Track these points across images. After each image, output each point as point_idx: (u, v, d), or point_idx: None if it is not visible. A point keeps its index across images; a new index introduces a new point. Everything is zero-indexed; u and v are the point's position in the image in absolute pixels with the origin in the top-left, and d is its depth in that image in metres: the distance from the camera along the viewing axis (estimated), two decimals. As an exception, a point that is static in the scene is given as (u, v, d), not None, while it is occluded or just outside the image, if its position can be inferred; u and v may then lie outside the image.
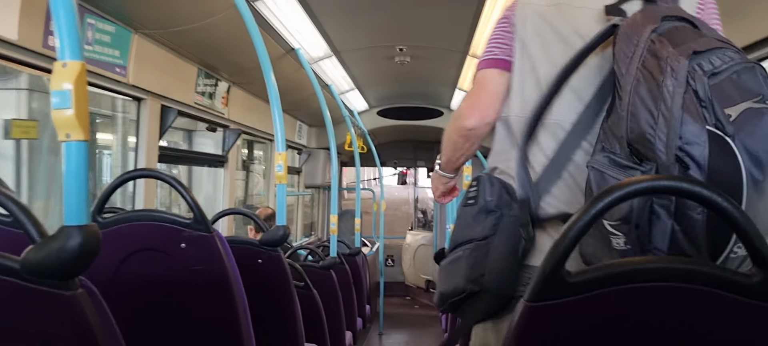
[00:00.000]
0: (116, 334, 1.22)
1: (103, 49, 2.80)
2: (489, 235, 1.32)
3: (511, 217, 1.33)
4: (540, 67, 1.40)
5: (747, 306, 0.85)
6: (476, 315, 1.41)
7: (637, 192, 0.87)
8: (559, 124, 1.35)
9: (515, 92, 1.45)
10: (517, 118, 1.43)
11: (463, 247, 1.35)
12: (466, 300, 1.33)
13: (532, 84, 1.41)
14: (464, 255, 1.33)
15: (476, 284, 1.29)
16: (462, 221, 1.39)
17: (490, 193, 1.36)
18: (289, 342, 2.72)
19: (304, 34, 4.15)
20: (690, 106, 1.04)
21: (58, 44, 1.07)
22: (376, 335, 7.27)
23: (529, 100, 1.40)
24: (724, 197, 0.85)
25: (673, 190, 0.88)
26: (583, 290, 0.88)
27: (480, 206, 1.36)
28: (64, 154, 1.08)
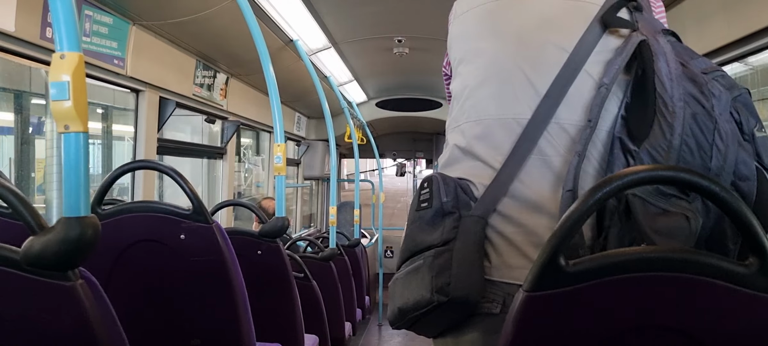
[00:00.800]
0: (116, 324, 1.22)
1: (101, 41, 2.79)
2: (449, 239, 1.19)
3: (471, 217, 1.21)
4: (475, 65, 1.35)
5: (745, 296, 0.85)
6: (435, 330, 1.28)
7: (638, 181, 0.88)
8: (516, 120, 1.25)
9: (461, 102, 1.36)
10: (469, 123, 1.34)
11: (422, 255, 1.22)
12: (428, 314, 1.19)
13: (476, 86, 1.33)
14: (425, 263, 1.20)
15: (443, 294, 1.15)
16: (416, 227, 1.25)
17: (445, 193, 1.24)
18: (288, 333, 2.73)
19: (303, 25, 4.14)
20: (741, 141, 1.05)
21: (55, 36, 1.07)
22: (376, 326, 7.28)
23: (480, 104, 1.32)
24: (722, 188, 0.85)
25: (674, 180, 0.89)
26: (582, 279, 0.88)
27: (435, 208, 1.23)
28: (62, 146, 1.08)
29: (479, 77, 1.32)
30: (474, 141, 1.29)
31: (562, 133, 1.22)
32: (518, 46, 1.29)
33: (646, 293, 0.88)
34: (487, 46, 1.33)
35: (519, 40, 1.29)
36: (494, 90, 1.29)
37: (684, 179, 0.88)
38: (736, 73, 2.94)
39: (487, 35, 1.33)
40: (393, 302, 1.27)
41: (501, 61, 1.30)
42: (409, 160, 10.70)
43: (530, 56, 1.27)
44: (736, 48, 2.35)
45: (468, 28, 1.39)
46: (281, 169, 2.96)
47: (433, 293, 1.17)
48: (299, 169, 7.75)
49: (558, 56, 1.24)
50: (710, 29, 2.47)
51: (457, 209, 1.22)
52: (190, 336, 2.03)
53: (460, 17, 1.42)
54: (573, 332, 0.90)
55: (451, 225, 1.21)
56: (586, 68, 1.23)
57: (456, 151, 1.33)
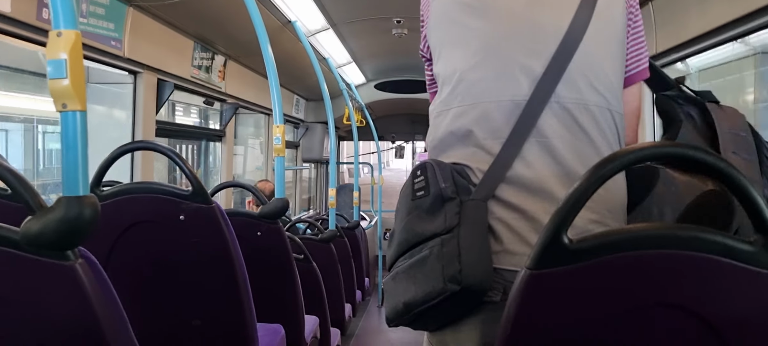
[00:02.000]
0: (116, 304, 1.22)
1: (98, 22, 2.77)
2: (453, 225, 1.15)
3: (473, 202, 1.17)
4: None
5: (750, 273, 0.85)
6: (438, 323, 1.23)
7: (644, 157, 0.87)
8: (513, 101, 1.22)
9: (452, 85, 1.32)
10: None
11: (426, 245, 1.17)
12: (436, 306, 1.14)
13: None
14: (433, 253, 1.15)
15: (455, 283, 1.10)
16: (414, 217, 1.20)
17: (442, 179, 1.19)
18: (289, 314, 2.74)
19: (302, 6, 4.11)
20: None
21: (51, 13, 1.06)
22: (375, 307, 7.31)
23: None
24: (727, 164, 0.85)
25: (678, 156, 0.88)
26: (585, 257, 0.87)
27: (434, 194, 1.18)
28: (61, 125, 1.07)
29: (471, 59, 1.27)
30: (470, 124, 1.25)
31: (563, 112, 1.20)
32: (510, 25, 1.25)
33: (650, 271, 0.88)
34: (476, 26, 1.27)
35: (510, 18, 1.25)
36: (489, 72, 1.25)
37: (689, 156, 0.87)
38: (737, 53, 2.93)
39: (475, 16, 1.28)
40: (394, 297, 1.21)
41: (494, 41, 1.25)
42: (408, 142, 10.69)
43: (524, 35, 1.23)
44: (738, 26, 2.34)
45: (450, 9, 1.33)
46: (280, 150, 2.95)
47: (445, 282, 1.12)
48: (298, 151, 7.74)
49: (554, 33, 1.22)
50: (712, 8, 2.45)
51: (457, 194, 1.17)
52: (191, 317, 2.03)
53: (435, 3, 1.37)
54: (576, 310, 0.90)
55: (453, 211, 1.16)
56: (584, 44, 1.21)
57: (449, 136, 1.28)
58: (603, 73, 1.22)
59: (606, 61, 1.23)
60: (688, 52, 2.77)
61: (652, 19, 2.96)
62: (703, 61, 3.10)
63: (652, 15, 2.96)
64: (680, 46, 2.77)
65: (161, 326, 2.00)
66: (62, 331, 1.10)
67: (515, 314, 0.90)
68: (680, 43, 2.75)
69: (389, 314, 1.24)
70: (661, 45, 2.92)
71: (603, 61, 1.23)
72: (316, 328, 3.40)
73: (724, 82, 3.23)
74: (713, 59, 3.06)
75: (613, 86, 1.24)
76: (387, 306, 1.25)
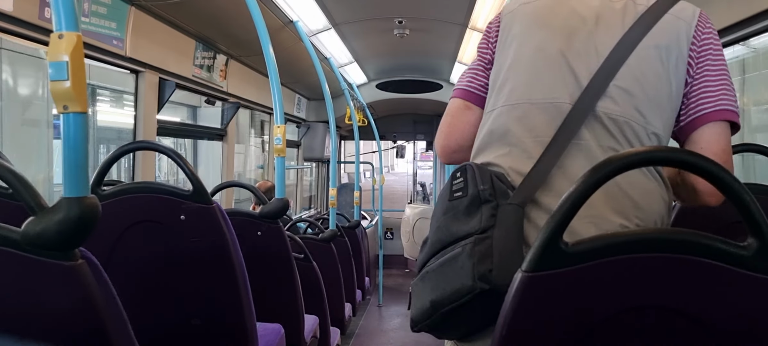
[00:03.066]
0: (117, 304, 1.23)
1: (100, 21, 2.78)
2: (488, 226, 1.15)
3: (510, 206, 1.17)
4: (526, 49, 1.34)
5: (743, 277, 0.86)
6: (465, 327, 1.22)
7: (638, 161, 0.88)
8: (554, 105, 1.25)
9: (497, 89, 1.37)
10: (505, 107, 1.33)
11: (459, 244, 1.17)
12: (464, 306, 1.14)
13: (521, 70, 1.33)
14: (464, 251, 1.14)
15: (485, 282, 1.10)
16: (450, 217, 1.21)
17: (481, 181, 1.20)
18: (289, 313, 2.75)
19: (303, 6, 4.12)
20: None
21: (53, 15, 1.07)
22: (376, 307, 7.32)
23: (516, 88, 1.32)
24: (720, 168, 0.85)
25: (672, 160, 0.89)
26: (581, 259, 0.88)
27: (471, 195, 1.19)
28: (62, 127, 1.08)
29: (520, 63, 1.32)
30: (510, 123, 1.27)
31: (606, 123, 1.21)
32: (563, 36, 1.29)
33: (645, 274, 0.88)
34: (532, 35, 1.33)
35: (564, 30, 1.29)
36: (534, 75, 1.29)
37: (683, 160, 0.88)
38: (738, 55, 2.93)
39: (534, 27, 1.33)
40: (422, 297, 1.20)
41: (545, 48, 1.30)
42: (410, 141, 10.69)
43: (575, 46, 1.27)
44: (738, 30, 2.34)
45: (514, 23, 1.38)
46: (281, 150, 2.96)
47: (474, 280, 1.11)
48: (299, 151, 7.74)
49: (603, 49, 1.25)
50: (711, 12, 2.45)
51: (495, 197, 1.18)
52: (191, 317, 2.04)
53: (507, 16, 1.42)
54: (572, 312, 0.91)
55: (488, 213, 1.16)
56: (630, 62, 1.23)
57: (488, 136, 1.31)
58: (648, 95, 1.23)
59: (653, 82, 1.24)
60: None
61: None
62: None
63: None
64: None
65: (162, 326, 2.01)
66: (63, 331, 1.11)
67: (511, 316, 0.91)
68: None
69: (415, 315, 1.22)
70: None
71: (649, 82, 1.23)
72: (315, 327, 3.41)
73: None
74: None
75: (660, 109, 1.24)
76: (413, 308, 1.24)
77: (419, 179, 11.16)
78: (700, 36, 1.29)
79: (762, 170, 2.82)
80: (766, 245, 0.84)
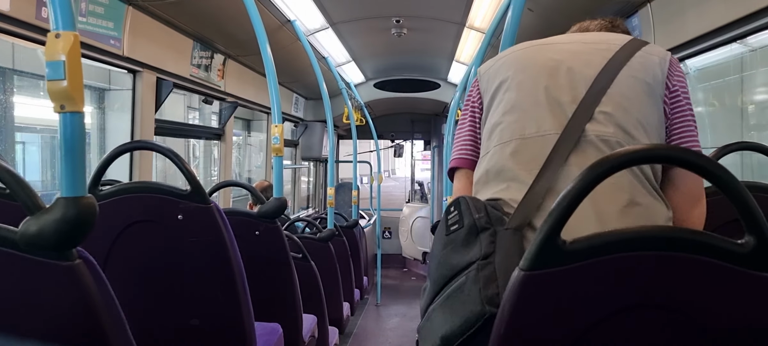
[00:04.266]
0: (114, 304, 1.22)
1: (97, 21, 2.77)
2: (489, 253, 1.14)
3: (507, 231, 1.17)
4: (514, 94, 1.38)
5: (740, 275, 0.86)
6: None
7: (635, 159, 0.88)
8: (544, 137, 1.28)
9: (489, 135, 1.40)
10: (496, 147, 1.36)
11: (463, 273, 1.15)
12: (476, 335, 1.09)
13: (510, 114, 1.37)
14: (469, 279, 1.13)
15: (494, 305, 1.06)
16: (449, 251, 1.20)
17: (476, 210, 1.20)
18: (287, 313, 2.75)
19: (301, 5, 4.11)
20: None
21: (50, 14, 1.07)
22: (374, 306, 7.32)
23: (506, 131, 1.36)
24: (718, 166, 0.85)
25: (669, 158, 0.89)
26: (579, 258, 0.88)
27: (468, 226, 1.19)
28: (59, 126, 1.08)
29: (509, 105, 1.36)
30: (505, 160, 1.30)
31: (595, 146, 1.24)
32: (546, 74, 1.35)
33: (643, 272, 0.88)
34: (515, 80, 1.38)
35: (547, 69, 1.35)
36: (523, 113, 1.33)
37: (680, 158, 0.88)
38: (736, 53, 2.94)
39: (517, 72, 1.39)
40: (431, 337, 1.17)
41: (530, 87, 1.35)
42: (407, 140, 10.69)
43: (558, 81, 1.32)
44: (736, 28, 2.34)
45: (495, 77, 1.43)
46: (279, 149, 2.96)
47: (483, 304, 1.08)
48: (297, 150, 7.74)
49: (585, 79, 1.30)
50: (709, 10, 2.46)
51: (491, 224, 1.18)
52: (189, 316, 2.04)
53: (485, 75, 1.47)
54: (570, 310, 0.91)
55: (487, 240, 1.16)
56: (613, 88, 1.29)
57: (484, 175, 1.34)
58: (632, 117, 1.26)
59: (635, 106, 1.27)
60: (686, 53, 2.77)
61: (651, 21, 2.96)
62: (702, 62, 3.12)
63: (650, 16, 2.96)
64: (679, 48, 2.77)
65: (159, 326, 2.01)
66: (61, 330, 1.11)
67: (509, 314, 0.91)
68: (679, 45, 2.75)
69: None
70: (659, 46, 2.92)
71: (632, 106, 1.27)
72: (314, 327, 3.41)
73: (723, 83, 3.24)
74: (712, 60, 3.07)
75: (647, 131, 1.27)
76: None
77: (417, 177, 11.17)
78: (672, 77, 1.34)
79: (760, 169, 2.83)
80: (763, 242, 0.84)
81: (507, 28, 2.24)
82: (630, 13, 3.16)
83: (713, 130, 3.24)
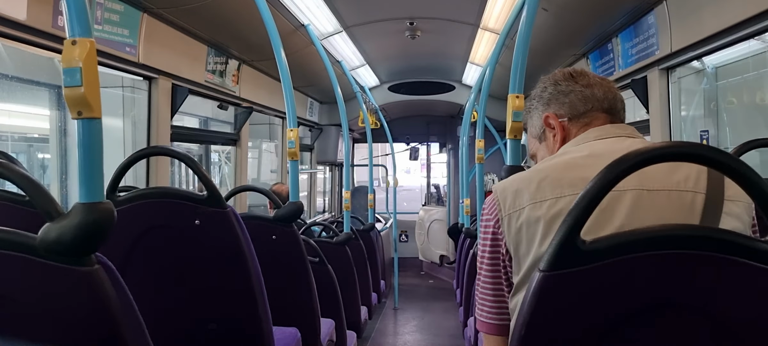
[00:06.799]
0: (133, 309, 1.23)
1: (113, 29, 2.80)
2: None
3: None
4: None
5: (764, 273, 0.84)
6: None
7: (653, 158, 0.86)
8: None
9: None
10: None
11: None
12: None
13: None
14: None
15: None
16: None
17: None
18: (305, 317, 2.75)
19: (314, 9, 4.13)
20: None
21: (66, 22, 1.07)
22: (391, 309, 7.31)
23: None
24: (739, 162, 0.84)
25: (688, 155, 0.87)
26: (598, 258, 0.87)
27: None
28: (77, 133, 1.09)
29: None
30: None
31: None
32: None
33: (663, 271, 0.87)
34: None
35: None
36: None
37: (699, 155, 0.86)
38: (754, 50, 2.90)
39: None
40: None
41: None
42: (423, 143, 10.68)
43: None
44: (754, 24, 2.31)
45: (524, 210, 1.20)
46: (294, 153, 2.97)
47: None
48: (312, 154, 7.76)
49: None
50: (726, 6, 2.43)
51: None
52: (207, 321, 2.04)
53: (510, 213, 1.22)
54: (590, 310, 0.90)
55: None
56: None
57: None
58: None
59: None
60: (703, 50, 2.74)
61: (667, 18, 2.93)
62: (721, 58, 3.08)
63: (666, 13, 2.93)
64: (696, 45, 2.74)
65: (177, 330, 2.02)
66: (79, 336, 1.12)
67: (530, 315, 0.90)
68: (696, 42, 2.72)
69: None
70: (676, 44, 2.90)
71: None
72: (331, 331, 3.41)
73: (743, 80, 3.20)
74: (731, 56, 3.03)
75: None
76: None
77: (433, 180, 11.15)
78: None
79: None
80: (788, 239, 0.83)
81: (521, 28, 2.23)
82: (646, 11, 3.14)
83: (733, 129, 3.20)
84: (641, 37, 3.29)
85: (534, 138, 1.47)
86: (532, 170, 1.24)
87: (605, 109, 1.35)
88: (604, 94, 1.36)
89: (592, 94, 1.35)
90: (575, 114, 1.36)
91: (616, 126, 1.33)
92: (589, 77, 1.38)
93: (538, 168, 1.24)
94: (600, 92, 1.36)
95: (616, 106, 1.37)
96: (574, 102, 1.36)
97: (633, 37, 3.41)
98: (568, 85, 1.38)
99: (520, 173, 1.26)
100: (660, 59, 3.11)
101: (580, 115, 1.36)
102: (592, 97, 1.35)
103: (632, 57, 3.46)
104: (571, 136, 1.36)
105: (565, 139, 1.37)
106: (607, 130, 1.31)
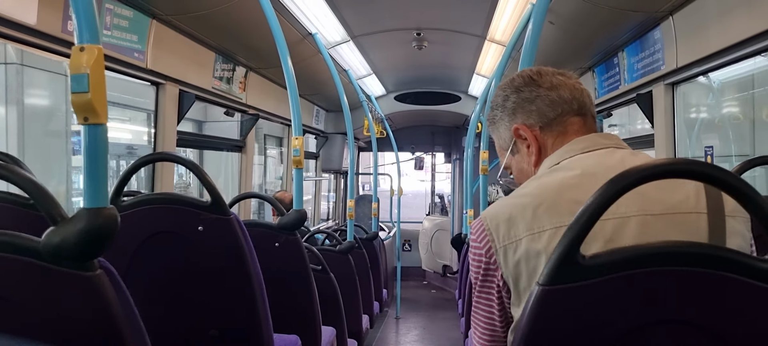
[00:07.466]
0: (135, 314, 1.24)
1: (121, 34, 2.81)
2: None
3: None
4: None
5: (764, 291, 0.84)
6: None
7: (655, 174, 0.87)
8: None
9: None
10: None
11: None
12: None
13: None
14: None
15: None
16: None
17: None
18: (306, 325, 2.75)
19: (322, 18, 4.14)
20: None
21: (75, 28, 1.09)
22: (393, 319, 7.30)
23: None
24: (739, 180, 0.84)
25: (689, 173, 0.87)
26: (598, 273, 0.87)
27: None
28: (82, 138, 1.10)
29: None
30: None
31: None
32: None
33: (664, 288, 0.87)
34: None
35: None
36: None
37: (700, 172, 0.86)
38: (759, 67, 2.89)
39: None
40: None
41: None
42: (428, 153, 10.68)
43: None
44: (760, 41, 2.31)
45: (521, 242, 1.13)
46: (299, 161, 2.97)
47: None
48: (317, 162, 7.77)
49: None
50: (733, 22, 2.43)
51: None
52: (208, 327, 2.05)
53: (505, 245, 1.14)
54: (589, 326, 0.90)
55: None
56: None
57: None
58: None
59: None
60: (709, 66, 2.74)
61: (673, 34, 2.94)
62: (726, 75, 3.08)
63: (672, 29, 2.94)
64: (702, 61, 2.74)
65: (179, 336, 2.02)
66: (82, 341, 1.12)
67: (529, 330, 0.90)
68: (702, 58, 2.72)
69: None
70: (681, 59, 2.90)
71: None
72: (333, 339, 3.40)
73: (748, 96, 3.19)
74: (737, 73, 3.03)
75: None
76: None
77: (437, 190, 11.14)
78: None
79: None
80: (788, 259, 0.83)
81: (527, 41, 2.23)
82: (652, 26, 3.14)
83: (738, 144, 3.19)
84: (647, 52, 3.29)
85: (504, 150, 1.39)
86: (524, 195, 1.16)
87: (576, 110, 1.28)
88: (571, 93, 1.28)
89: (559, 96, 1.28)
90: (546, 121, 1.28)
91: (601, 136, 1.26)
92: (551, 78, 1.30)
93: (529, 192, 1.16)
94: (566, 93, 1.28)
95: (585, 103, 1.29)
96: (541, 108, 1.28)
97: (639, 52, 3.41)
98: (532, 91, 1.30)
99: (510, 199, 1.17)
100: (665, 74, 3.12)
101: (551, 121, 1.28)
102: (559, 101, 1.28)
103: (638, 72, 3.46)
104: (548, 146, 1.29)
105: (541, 151, 1.30)
106: (593, 140, 1.24)
